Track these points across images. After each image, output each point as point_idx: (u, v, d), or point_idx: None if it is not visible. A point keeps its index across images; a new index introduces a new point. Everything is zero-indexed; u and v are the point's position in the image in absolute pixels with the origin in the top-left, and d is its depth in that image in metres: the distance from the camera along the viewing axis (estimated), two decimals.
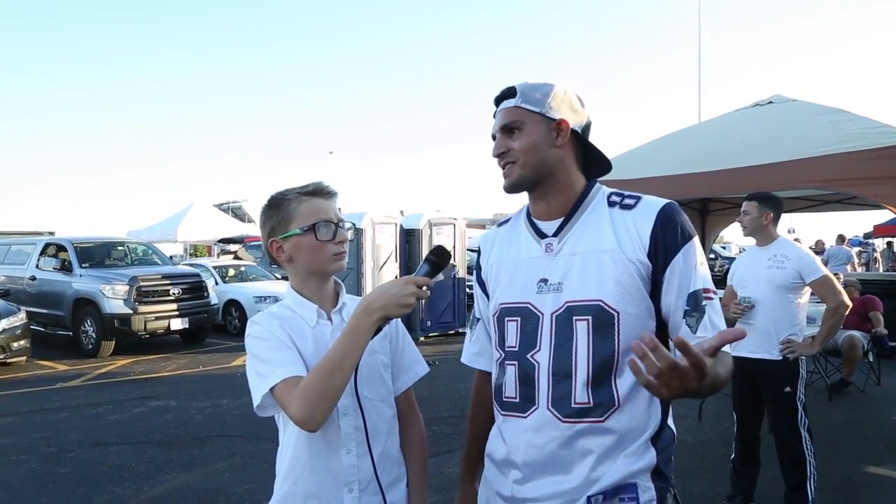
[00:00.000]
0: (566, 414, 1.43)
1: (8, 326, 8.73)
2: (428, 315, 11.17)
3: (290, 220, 1.57)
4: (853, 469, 4.67)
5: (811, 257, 3.72)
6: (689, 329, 1.41)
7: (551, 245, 1.51)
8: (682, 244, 1.43)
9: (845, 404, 6.55)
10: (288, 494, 1.56)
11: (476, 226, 24.35)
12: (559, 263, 1.48)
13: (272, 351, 1.48)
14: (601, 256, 1.44)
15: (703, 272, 1.45)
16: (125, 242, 12.54)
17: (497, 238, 1.66)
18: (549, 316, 1.46)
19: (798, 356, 3.67)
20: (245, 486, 4.57)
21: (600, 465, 1.41)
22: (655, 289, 1.44)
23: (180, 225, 21.92)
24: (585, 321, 1.42)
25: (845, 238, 17.47)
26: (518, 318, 1.52)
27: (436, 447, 5.04)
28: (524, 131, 1.49)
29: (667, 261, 1.43)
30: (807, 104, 5.41)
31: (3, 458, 5.26)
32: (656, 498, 1.42)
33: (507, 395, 1.53)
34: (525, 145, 1.49)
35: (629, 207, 1.49)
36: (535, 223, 1.57)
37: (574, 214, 1.51)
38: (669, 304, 1.44)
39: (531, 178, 1.50)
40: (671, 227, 1.44)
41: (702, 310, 1.42)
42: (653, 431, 1.45)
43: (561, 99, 1.51)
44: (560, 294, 1.46)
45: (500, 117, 1.54)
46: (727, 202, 7.81)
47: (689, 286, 1.43)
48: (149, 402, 7.14)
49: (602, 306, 1.42)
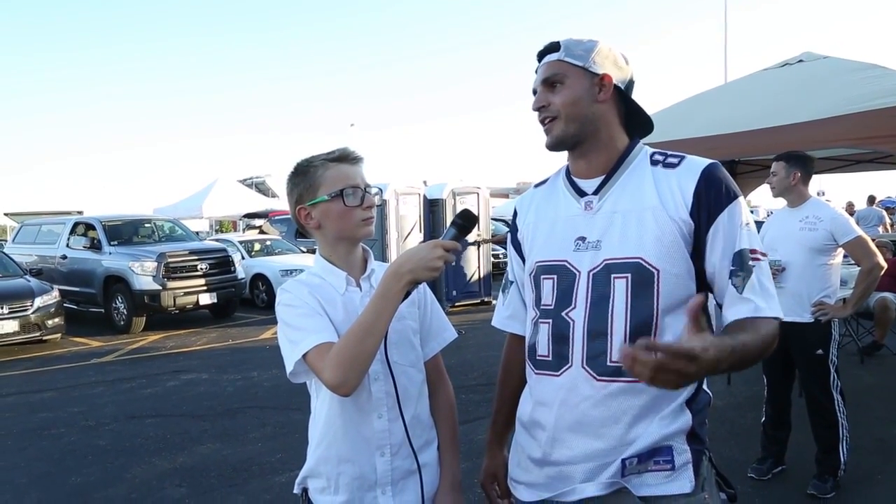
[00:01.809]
0: (601, 372, 1.40)
1: (42, 304, 8.93)
2: (454, 284, 11.20)
3: (317, 186, 1.56)
4: (886, 431, 4.62)
5: (845, 218, 3.64)
6: (736, 290, 1.37)
7: (591, 203, 1.48)
8: (727, 203, 1.39)
9: (877, 367, 6.46)
10: (322, 459, 1.58)
11: (499, 195, 24.27)
12: (598, 221, 1.45)
13: (303, 318, 1.49)
14: (642, 214, 1.41)
15: (750, 232, 1.41)
16: (152, 220, 12.70)
17: (534, 198, 1.64)
18: (587, 274, 1.44)
19: (830, 318, 3.62)
20: (277, 455, 4.66)
21: (635, 427, 1.39)
22: (698, 249, 1.40)
23: (205, 201, 22.11)
24: (624, 279, 1.40)
25: (875, 199, 17.09)
26: (554, 276, 1.49)
27: (464, 415, 5.08)
28: (566, 85, 1.46)
29: (710, 220, 1.39)
30: (839, 60, 5.24)
31: (44, 431, 5.41)
32: (692, 461, 1.40)
33: (540, 353, 1.52)
34: (567, 99, 1.46)
35: (672, 166, 1.46)
36: (574, 182, 1.54)
37: (616, 172, 1.48)
38: (714, 264, 1.40)
39: (574, 134, 1.47)
40: (715, 186, 1.40)
41: (749, 269, 1.37)
42: (689, 394, 1.42)
43: (605, 55, 1.48)
44: (598, 252, 1.43)
45: (542, 70, 1.50)
46: (755, 164, 7.65)
47: (734, 245, 1.38)
48: (181, 375, 7.28)
49: (642, 264, 1.39)
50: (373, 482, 1.55)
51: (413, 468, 1.59)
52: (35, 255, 11.78)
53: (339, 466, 1.56)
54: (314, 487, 1.62)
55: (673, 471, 1.39)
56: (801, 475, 3.83)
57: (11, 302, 8.68)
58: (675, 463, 1.39)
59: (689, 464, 1.40)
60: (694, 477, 1.40)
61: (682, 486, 1.39)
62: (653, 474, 1.40)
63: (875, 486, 3.81)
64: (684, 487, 1.39)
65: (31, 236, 12.42)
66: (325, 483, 1.58)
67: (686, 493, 1.39)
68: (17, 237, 12.98)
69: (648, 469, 1.40)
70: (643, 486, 1.40)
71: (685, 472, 1.39)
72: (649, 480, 1.40)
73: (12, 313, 8.61)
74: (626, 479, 1.39)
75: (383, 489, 1.56)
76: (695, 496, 1.39)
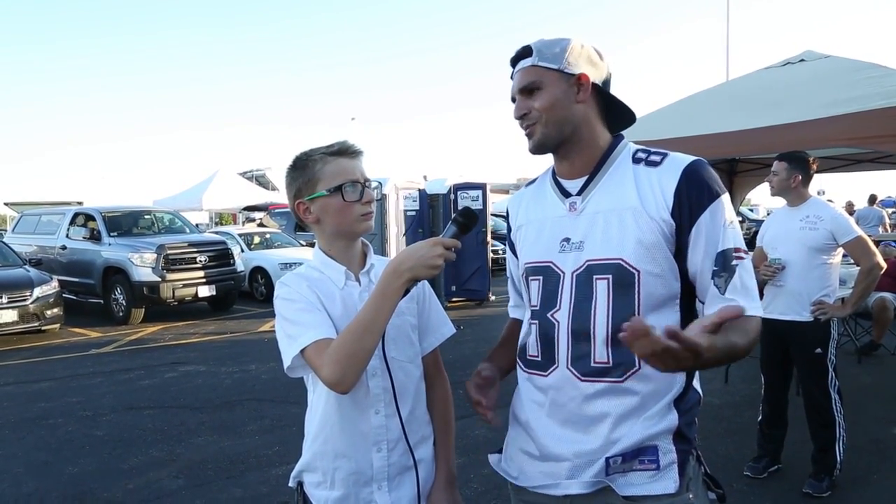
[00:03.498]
0: (585, 373, 1.42)
1: (41, 294, 8.93)
2: (454, 280, 11.19)
3: (316, 181, 1.56)
4: (882, 431, 4.63)
5: (845, 218, 3.64)
6: (718, 290, 1.37)
7: (575, 204, 1.49)
8: (709, 202, 1.38)
9: (874, 367, 6.47)
10: (318, 454, 1.58)
11: (500, 190, 24.24)
12: (582, 222, 1.46)
13: (302, 313, 1.49)
14: (623, 214, 1.41)
15: (733, 231, 1.40)
16: (152, 211, 12.66)
17: (524, 199, 1.65)
18: (570, 275, 1.45)
19: (829, 318, 3.62)
20: (274, 448, 4.66)
21: (619, 427, 1.40)
22: (681, 249, 1.40)
23: (205, 193, 22.09)
24: (606, 280, 1.41)
25: (876, 198, 17.07)
26: (540, 278, 1.51)
27: (462, 410, 5.04)
28: (544, 90, 1.45)
29: (692, 220, 1.38)
30: (841, 60, 5.23)
31: (42, 421, 5.42)
32: (677, 461, 1.40)
33: (530, 353, 1.54)
34: (546, 104, 1.45)
35: (654, 164, 1.45)
36: (559, 182, 1.54)
37: (598, 172, 1.48)
38: (696, 264, 1.40)
39: (555, 136, 1.47)
40: (696, 185, 1.39)
41: (731, 269, 1.37)
42: (676, 393, 1.42)
43: (578, 53, 1.46)
44: (581, 253, 1.44)
45: (517, 79, 1.50)
46: (755, 162, 7.65)
47: (717, 246, 1.38)
48: (179, 367, 7.28)
49: (622, 265, 1.39)
50: (369, 477, 1.55)
51: (409, 464, 1.59)
52: (35, 245, 11.77)
53: (335, 461, 1.56)
54: (310, 482, 1.62)
55: (658, 470, 1.39)
56: (796, 474, 3.84)
57: (10, 292, 8.68)
58: (659, 463, 1.39)
59: (675, 464, 1.40)
60: (679, 477, 1.40)
61: (666, 487, 1.39)
62: (637, 474, 1.40)
63: (870, 486, 3.82)
64: (668, 488, 1.39)
65: (31, 226, 12.40)
66: (321, 478, 1.59)
67: (670, 494, 1.39)
68: (16, 227, 12.97)
69: (633, 468, 1.40)
70: (628, 485, 1.40)
71: (670, 472, 1.39)
72: (634, 480, 1.40)
73: (11, 303, 8.61)
74: (611, 477, 1.40)
75: (379, 485, 1.56)
76: (679, 496, 1.39)
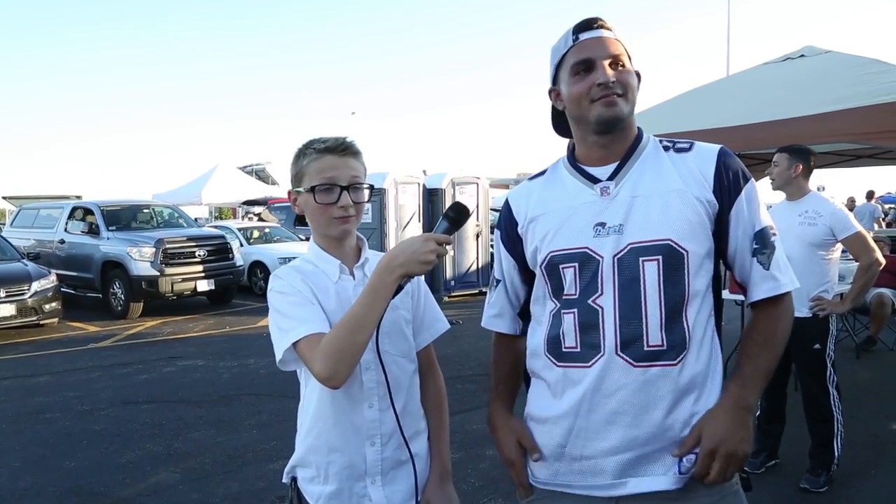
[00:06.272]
0: (638, 358, 1.38)
1: (40, 288, 8.91)
2: (452, 275, 11.19)
3: (301, 175, 1.57)
4: (879, 426, 4.64)
5: (844, 213, 3.63)
6: (762, 266, 1.44)
7: (607, 188, 1.47)
8: (745, 183, 1.46)
9: (873, 362, 6.47)
10: (311, 448, 1.58)
11: (499, 186, 24.19)
12: (618, 206, 1.44)
13: (295, 306, 1.48)
14: (667, 197, 1.42)
15: (765, 211, 1.48)
16: (151, 205, 12.65)
17: (533, 191, 1.58)
18: (611, 259, 1.41)
19: (828, 314, 3.61)
20: (272, 442, 4.66)
21: (673, 412, 1.38)
22: (719, 229, 1.45)
23: (205, 188, 22.06)
24: (655, 261, 1.39)
25: (874, 194, 17.06)
26: (575, 264, 1.45)
27: (460, 405, 5.08)
28: (627, 70, 1.46)
29: (731, 201, 1.44)
30: (841, 55, 5.21)
31: (40, 415, 5.42)
32: None
33: (566, 345, 1.46)
34: (634, 83, 1.47)
35: (685, 150, 1.50)
36: (583, 169, 1.52)
37: (629, 159, 1.49)
38: (735, 244, 1.46)
39: (627, 116, 1.47)
40: (733, 169, 1.46)
41: (772, 246, 1.45)
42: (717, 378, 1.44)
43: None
44: (621, 236, 1.42)
45: (607, 44, 1.45)
46: (756, 157, 7.62)
47: (755, 225, 1.45)
48: (177, 361, 7.28)
49: (672, 245, 1.40)
50: (362, 472, 1.55)
51: (405, 458, 1.59)
52: (33, 239, 11.76)
53: (328, 456, 1.55)
54: (303, 476, 1.61)
55: None
56: (794, 469, 3.83)
57: (8, 286, 8.66)
58: None
59: None
60: None
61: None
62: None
63: (868, 481, 3.82)
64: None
65: (30, 220, 12.39)
66: (314, 472, 1.58)
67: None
68: (15, 221, 12.96)
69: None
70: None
71: None
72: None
73: (9, 297, 8.59)
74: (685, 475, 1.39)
75: (373, 479, 1.55)
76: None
